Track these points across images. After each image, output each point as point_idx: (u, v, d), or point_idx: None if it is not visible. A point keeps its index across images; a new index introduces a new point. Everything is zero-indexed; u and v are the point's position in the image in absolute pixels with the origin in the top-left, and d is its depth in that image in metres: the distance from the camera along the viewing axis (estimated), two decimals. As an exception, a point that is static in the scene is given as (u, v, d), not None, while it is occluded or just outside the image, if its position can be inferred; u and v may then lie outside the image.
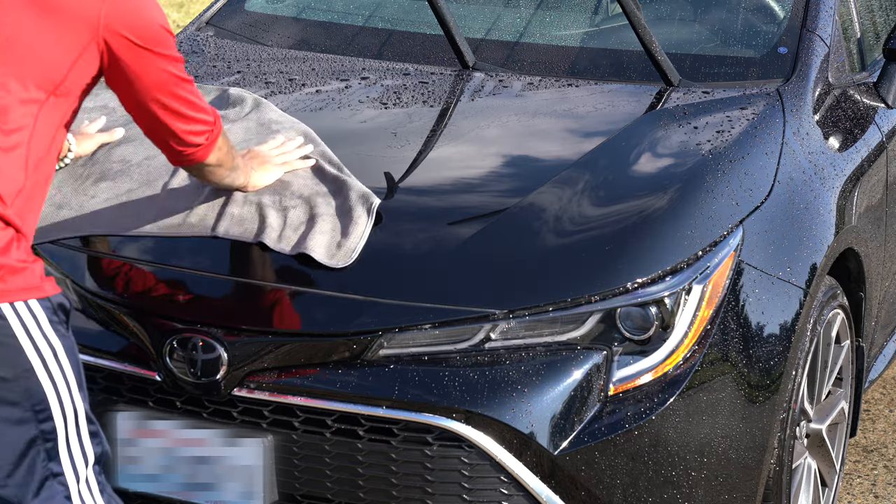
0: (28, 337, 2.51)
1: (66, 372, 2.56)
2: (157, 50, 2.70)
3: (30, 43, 2.58)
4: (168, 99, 2.77)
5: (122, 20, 2.63)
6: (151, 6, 2.70)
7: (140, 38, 2.66)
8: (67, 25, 2.60)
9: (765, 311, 3.23)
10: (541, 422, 2.97)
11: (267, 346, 3.04)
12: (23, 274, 2.51)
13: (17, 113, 2.56)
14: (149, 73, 2.71)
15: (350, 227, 3.15)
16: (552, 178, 3.34)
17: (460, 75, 3.97)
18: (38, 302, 2.52)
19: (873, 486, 4.23)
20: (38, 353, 2.52)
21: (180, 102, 2.79)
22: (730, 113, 3.65)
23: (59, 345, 2.55)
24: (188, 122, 2.83)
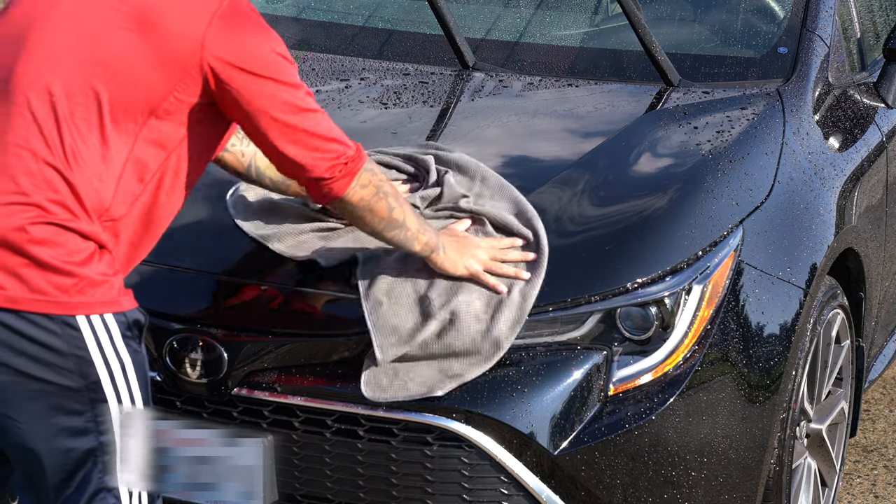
0: (99, 350, 2.52)
1: (133, 387, 2.58)
2: (267, 75, 2.61)
3: (128, 64, 2.55)
4: (284, 127, 2.65)
5: (226, 45, 2.58)
6: (259, 32, 2.62)
7: (246, 64, 2.59)
8: (169, 48, 2.56)
9: (765, 311, 3.23)
10: (541, 422, 2.97)
11: (267, 346, 3.04)
12: (101, 287, 2.52)
13: (111, 132, 2.55)
14: (259, 98, 2.62)
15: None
16: (552, 178, 3.34)
17: (460, 75, 3.97)
18: (113, 316, 2.53)
19: (873, 486, 4.23)
20: (107, 367, 2.53)
21: (298, 131, 2.66)
22: (730, 113, 3.65)
23: (129, 360, 2.56)
24: (310, 150, 2.68)
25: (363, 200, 2.76)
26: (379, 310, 2.94)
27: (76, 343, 2.49)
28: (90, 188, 2.52)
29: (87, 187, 2.52)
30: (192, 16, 2.57)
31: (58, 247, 2.48)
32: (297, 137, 2.65)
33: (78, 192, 2.51)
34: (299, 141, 2.66)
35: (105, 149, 2.55)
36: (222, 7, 2.60)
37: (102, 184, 2.54)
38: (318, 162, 2.68)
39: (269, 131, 2.64)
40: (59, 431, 2.53)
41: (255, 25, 2.63)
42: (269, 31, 2.65)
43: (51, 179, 2.48)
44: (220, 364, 3.05)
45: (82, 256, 2.50)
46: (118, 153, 2.56)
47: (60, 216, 2.49)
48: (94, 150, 2.53)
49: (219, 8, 2.59)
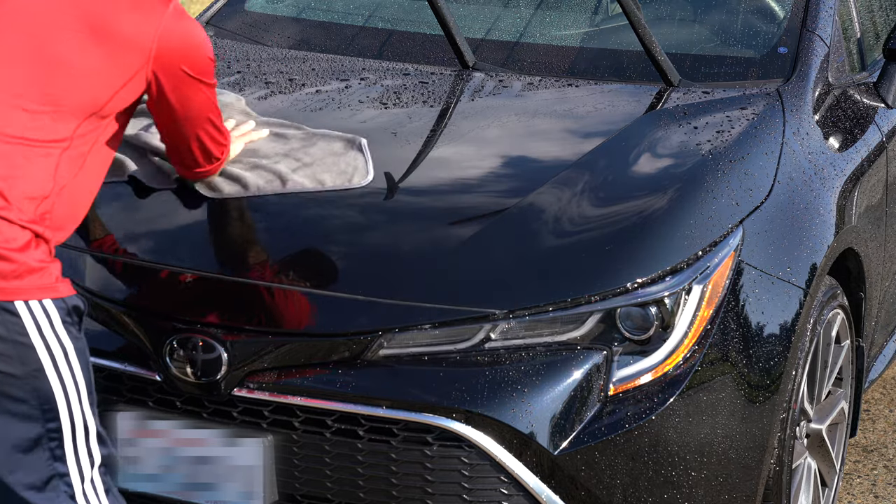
0: (40, 336, 2.53)
1: (76, 373, 2.58)
2: (204, 80, 2.83)
3: (76, 66, 2.62)
4: (208, 124, 2.94)
5: (175, 52, 2.73)
6: (202, 38, 2.80)
7: (192, 69, 2.79)
8: (118, 53, 2.66)
9: (765, 311, 3.23)
10: (541, 422, 2.97)
11: (267, 346, 3.04)
12: (39, 273, 2.54)
13: (50, 128, 2.60)
14: (195, 100, 2.85)
15: (352, 158, 3.38)
16: (552, 178, 3.34)
17: (460, 75, 3.97)
18: (52, 302, 2.55)
19: (873, 486, 4.23)
20: (49, 353, 2.54)
21: (215, 127, 3.00)
22: (730, 113, 3.65)
23: (71, 346, 2.57)
24: (217, 144, 3.05)
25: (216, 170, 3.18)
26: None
27: (16, 329, 2.51)
28: (28, 181, 2.56)
29: (25, 180, 2.55)
30: (140, 22, 2.68)
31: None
32: (214, 134, 3.02)
33: (15, 185, 2.54)
34: (214, 137, 3.02)
35: (45, 145, 2.59)
36: (168, 12, 2.72)
37: (40, 177, 2.58)
38: (216, 152, 3.08)
39: (196, 128, 2.97)
40: (5, 419, 2.54)
41: (197, 30, 2.79)
42: (204, 35, 2.84)
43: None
44: (219, 364, 3.05)
45: (19, 243, 2.53)
46: (55, 149, 2.61)
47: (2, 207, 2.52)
48: (34, 146, 2.58)
49: (164, 14, 2.71)
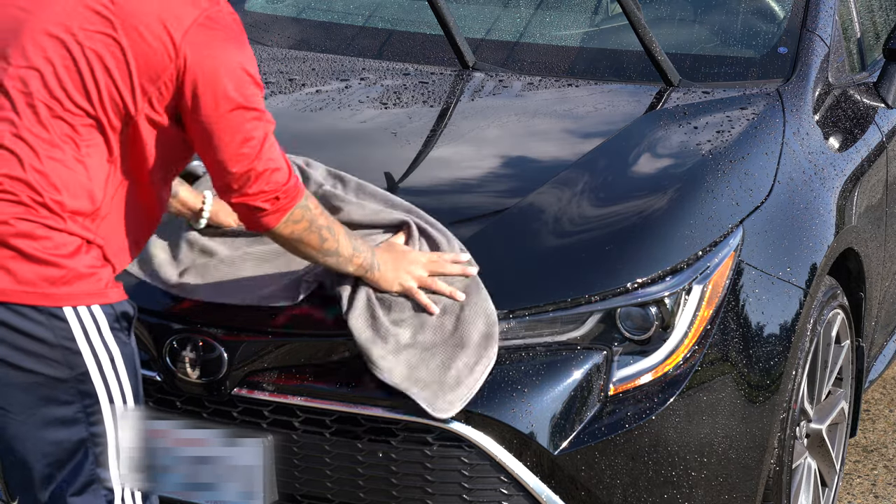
0: (87, 340, 2.54)
1: (122, 379, 2.59)
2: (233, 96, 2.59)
3: (107, 70, 2.56)
4: (237, 151, 2.63)
5: (199, 58, 2.56)
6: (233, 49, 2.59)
7: (216, 81, 2.58)
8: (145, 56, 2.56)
9: (765, 311, 3.23)
10: (541, 422, 2.97)
11: (267, 346, 3.04)
12: (88, 280, 2.54)
13: (87, 133, 2.57)
14: (219, 117, 2.60)
15: (463, 375, 2.97)
16: (552, 179, 3.34)
17: (460, 75, 3.97)
18: (100, 307, 2.55)
19: (873, 486, 4.23)
20: (95, 358, 2.55)
21: (249, 158, 2.65)
22: (730, 113, 3.65)
23: (118, 351, 2.58)
24: (253, 180, 2.67)
25: (294, 234, 2.77)
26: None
27: (63, 334, 2.52)
28: (74, 190, 2.55)
29: (71, 190, 2.55)
30: (169, 23, 2.57)
31: (43, 240, 2.51)
32: (243, 163, 2.63)
33: (61, 194, 2.53)
34: (244, 167, 2.64)
35: (88, 151, 2.57)
36: (200, 17, 2.59)
37: (87, 185, 2.56)
38: (254, 191, 2.67)
39: (217, 150, 2.62)
40: (50, 422, 2.56)
41: (230, 41, 2.60)
42: (243, 48, 2.62)
43: (33, 181, 2.52)
44: (219, 364, 3.05)
45: (69, 249, 2.53)
46: (100, 155, 2.58)
47: (42, 214, 2.52)
48: (74, 153, 2.56)
49: (198, 17, 2.59)
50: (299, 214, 2.75)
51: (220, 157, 2.63)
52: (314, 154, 3.56)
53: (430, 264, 3.02)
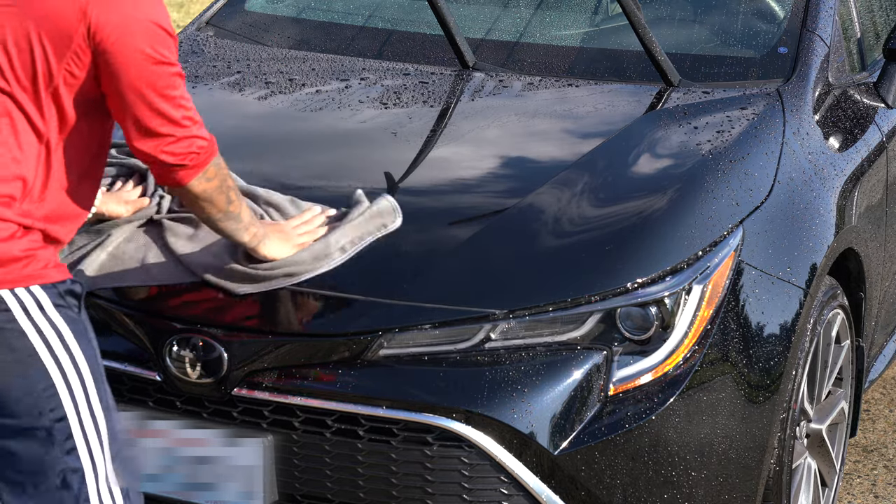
0: (29, 320, 2.51)
1: (76, 356, 2.56)
2: (143, 48, 2.58)
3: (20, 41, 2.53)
4: (150, 106, 2.62)
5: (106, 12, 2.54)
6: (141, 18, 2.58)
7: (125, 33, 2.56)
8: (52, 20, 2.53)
9: (765, 311, 3.23)
10: (541, 422, 2.97)
11: (267, 346, 3.04)
12: (24, 262, 2.52)
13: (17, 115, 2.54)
14: (131, 71, 2.58)
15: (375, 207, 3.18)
16: (552, 179, 3.34)
17: (460, 75, 3.97)
18: (40, 287, 2.53)
19: (873, 486, 4.23)
20: (42, 336, 2.52)
21: (163, 113, 2.64)
22: (730, 113, 3.65)
23: (66, 328, 2.55)
24: (169, 135, 2.66)
25: (206, 192, 2.78)
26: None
27: (4, 318, 2.49)
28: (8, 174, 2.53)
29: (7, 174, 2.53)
30: None
31: None
32: (161, 119, 2.63)
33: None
34: (162, 122, 2.63)
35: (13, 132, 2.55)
36: None
37: (14, 168, 2.54)
38: (173, 147, 2.67)
39: (135, 107, 2.61)
40: (4, 419, 2.52)
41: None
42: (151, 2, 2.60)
43: None
44: (220, 364, 3.05)
45: (3, 235, 2.51)
46: (27, 135, 2.56)
47: None
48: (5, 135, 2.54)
49: None
50: (213, 172, 2.76)
51: (139, 114, 2.61)
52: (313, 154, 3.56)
53: (302, 226, 3.14)
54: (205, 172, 2.74)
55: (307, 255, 3.07)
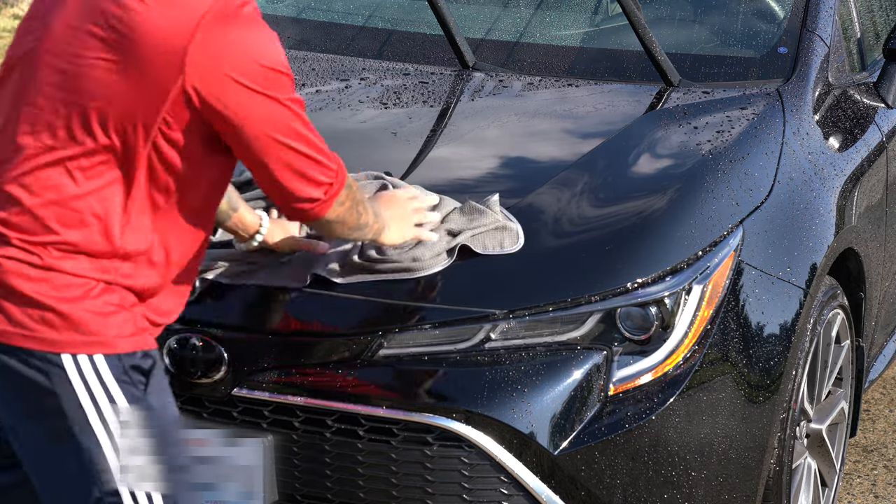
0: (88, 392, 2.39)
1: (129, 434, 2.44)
2: (262, 90, 2.41)
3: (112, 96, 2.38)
4: (279, 150, 2.46)
5: (213, 58, 2.37)
6: (253, 39, 2.41)
7: (240, 78, 2.39)
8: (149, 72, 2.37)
9: (765, 311, 3.23)
10: (541, 422, 2.97)
11: (267, 346, 3.04)
12: (95, 324, 2.40)
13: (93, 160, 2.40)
14: (253, 118, 2.41)
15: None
16: (552, 179, 3.34)
17: (460, 75, 3.97)
18: (104, 358, 2.39)
19: (873, 486, 4.23)
20: (98, 412, 2.40)
21: (294, 155, 2.47)
22: (730, 113, 3.65)
23: (125, 406, 2.41)
24: (303, 176, 2.50)
25: (338, 216, 2.62)
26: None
27: (64, 385, 2.38)
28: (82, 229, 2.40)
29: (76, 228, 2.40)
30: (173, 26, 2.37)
31: (38, 282, 2.38)
32: (291, 162, 2.48)
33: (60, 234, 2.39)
34: (292, 166, 2.48)
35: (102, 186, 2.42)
36: (210, 12, 2.39)
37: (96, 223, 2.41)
38: (308, 187, 2.52)
39: (264, 155, 2.46)
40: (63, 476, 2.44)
41: (248, 31, 2.42)
42: (265, 38, 2.44)
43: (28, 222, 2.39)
44: (220, 364, 3.05)
45: (74, 293, 2.39)
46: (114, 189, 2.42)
47: (38, 254, 2.38)
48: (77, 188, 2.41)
49: (206, 13, 2.38)
50: (344, 195, 2.60)
51: (269, 167, 2.47)
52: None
53: (412, 201, 3.06)
54: (337, 199, 2.58)
55: (428, 253, 3.04)
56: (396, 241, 2.97)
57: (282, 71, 2.45)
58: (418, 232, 3.03)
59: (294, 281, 3.04)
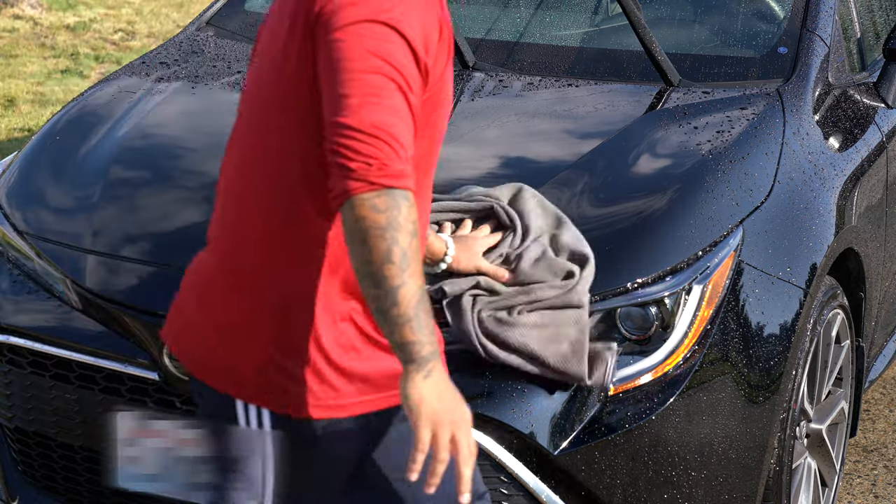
0: None
1: None
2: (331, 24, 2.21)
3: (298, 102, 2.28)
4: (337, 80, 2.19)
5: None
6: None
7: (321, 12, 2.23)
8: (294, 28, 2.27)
9: (765, 311, 3.23)
10: (541, 422, 2.97)
11: (267, 346, 3.03)
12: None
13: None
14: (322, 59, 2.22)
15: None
16: (552, 179, 3.34)
17: (460, 75, 3.97)
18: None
19: (873, 486, 4.23)
20: None
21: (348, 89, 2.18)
22: (730, 113, 3.64)
23: None
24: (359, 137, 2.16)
25: (364, 222, 2.16)
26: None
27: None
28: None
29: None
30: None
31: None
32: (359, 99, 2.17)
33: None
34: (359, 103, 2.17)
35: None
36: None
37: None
38: (355, 141, 2.16)
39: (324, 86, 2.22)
40: None
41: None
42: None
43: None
44: (220, 364, 3.04)
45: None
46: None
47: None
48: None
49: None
50: (384, 203, 2.16)
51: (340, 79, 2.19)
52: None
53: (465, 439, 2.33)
54: (376, 196, 2.15)
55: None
56: (420, 408, 2.26)
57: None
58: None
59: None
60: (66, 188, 3.52)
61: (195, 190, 3.40)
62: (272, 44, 2.36)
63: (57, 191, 3.53)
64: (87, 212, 3.38)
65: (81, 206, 3.41)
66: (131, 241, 3.30)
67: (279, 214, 2.33)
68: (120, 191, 3.44)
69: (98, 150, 3.61)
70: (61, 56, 9.07)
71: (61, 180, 3.57)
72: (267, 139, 2.34)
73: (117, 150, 3.56)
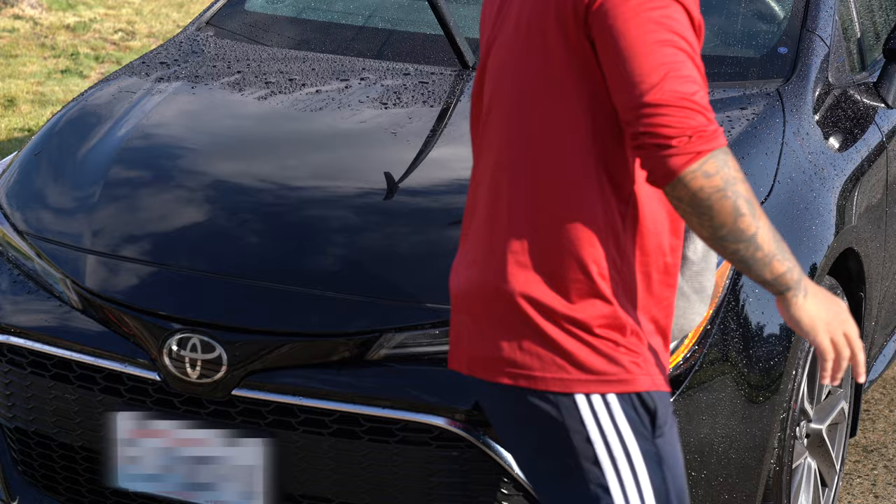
0: (599, 430, 2.29)
1: (640, 479, 2.31)
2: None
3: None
4: (641, 42, 2.16)
5: None
6: None
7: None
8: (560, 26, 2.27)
9: (765, 311, 3.23)
10: (541, 422, 2.97)
11: (267, 346, 3.04)
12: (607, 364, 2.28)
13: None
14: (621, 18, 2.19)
15: None
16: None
17: (460, 75, 3.97)
18: (616, 396, 2.28)
19: (873, 486, 4.23)
20: (608, 451, 2.29)
21: (660, 63, 2.14)
22: (730, 113, 3.64)
23: (636, 448, 2.30)
24: (663, 103, 2.12)
25: (703, 191, 2.13)
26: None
27: (576, 423, 2.30)
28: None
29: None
30: None
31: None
32: (657, 76, 2.14)
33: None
34: (657, 81, 2.14)
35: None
36: None
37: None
38: (666, 117, 2.12)
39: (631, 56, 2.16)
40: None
41: None
42: None
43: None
44: (219, 364, 3.05)
45: (595, 322, 2.29)
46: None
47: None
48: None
49: None
50: (713, 166, 2.13)
51: (629, 65, 2.17)
52: (313, 154, 3.56)
53: (853, 329, 2.33)
54: (703, 163, 2.13)
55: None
56: (806, 323, 2.27)
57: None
58: (827, 350, 2.29)
59: None
60: (66, 188, 3.52)
61: (195, 190, 3.40)
62: (527, 31, 2.32)
63: (57, 191, 3.53)
64: (87, 212, 3.38)
65: (81, 206, 3.41)
66: (131, 241, 3.30)
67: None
68: (120, 191, 3.44)
69: (98, 150, 3.61)
70: (61, 56, 9.07)
71: (61, 180, 3.57)
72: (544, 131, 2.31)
73: (117, 150, 3.56)
